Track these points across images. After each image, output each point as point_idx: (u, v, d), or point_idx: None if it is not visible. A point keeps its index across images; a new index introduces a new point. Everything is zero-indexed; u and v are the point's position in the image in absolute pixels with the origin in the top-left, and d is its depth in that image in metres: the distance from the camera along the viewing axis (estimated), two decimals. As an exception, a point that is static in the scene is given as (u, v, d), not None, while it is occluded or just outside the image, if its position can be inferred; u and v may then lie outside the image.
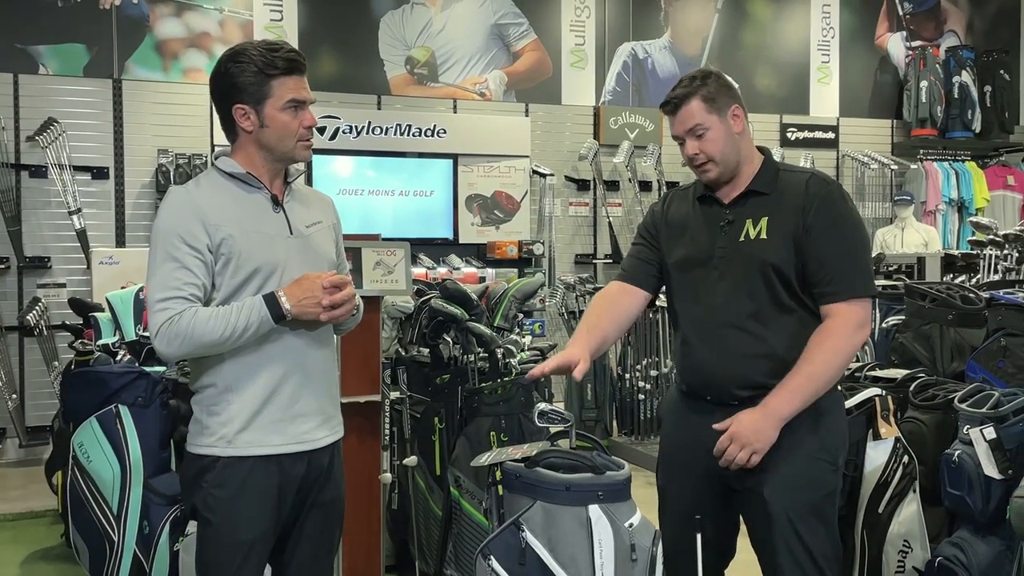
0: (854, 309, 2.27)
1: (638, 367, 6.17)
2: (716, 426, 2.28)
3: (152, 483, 3.24)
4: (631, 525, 1.81)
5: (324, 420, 2.20)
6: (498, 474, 2.76)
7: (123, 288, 3.92)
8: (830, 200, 2.32)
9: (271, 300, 2.05)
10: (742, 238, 2.35)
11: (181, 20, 7.10)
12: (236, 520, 2.09)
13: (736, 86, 2.47)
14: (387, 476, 3.17)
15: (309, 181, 6.82)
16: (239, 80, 2.10)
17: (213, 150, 6.96)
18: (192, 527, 3.06)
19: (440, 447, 3.31)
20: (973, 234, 8.47)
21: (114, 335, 3.54)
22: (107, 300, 3.55)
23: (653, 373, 6.11)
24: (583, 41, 8.16)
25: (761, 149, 2.46)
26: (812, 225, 2.29)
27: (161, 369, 3.36)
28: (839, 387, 2.49)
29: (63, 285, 6.61)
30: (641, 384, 6.14)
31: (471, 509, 3.01)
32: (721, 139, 2.36)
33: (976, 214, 8.61)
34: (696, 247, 2.43)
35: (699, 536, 2.11)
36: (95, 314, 3.70)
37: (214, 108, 2.21)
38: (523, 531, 1.75)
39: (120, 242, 6.81)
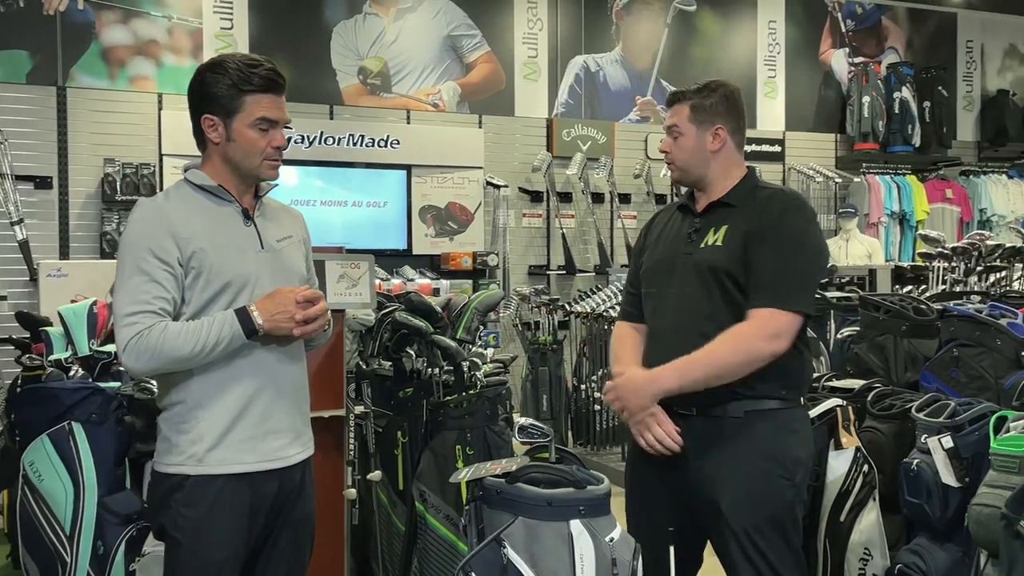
0: (771, 319, 2.28)
1: (594, 378, 6.20)
2: (615, 368, 2.47)
3: (107, 502, 3.16)
4: (612, 539, 1.82)
5: (295, 437, 2.18)
6: (464, 492, 2.76)
7: (73, 302, 3.82)
8: (782, 213, 2.36)
9: (243, 314, 2.02)
10: (702, 245, 2.41)
11: (128, 27, 6.97)
12: (206, 540, 2.05)
13: (740, 110, 2.52)
14: (352, 492, 3.13)
15: (261, 191, 6.73)
16: (212, 91, 2.08)
17: (161, 160, 6.85)
18: (149, 546, 3.01)
19: (403, 461, 3.28)
20: (914, 245, 8.76)
21: (66, 350, 3.44)
22: (59, 314, 3.46)
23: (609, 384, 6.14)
24: (536, 53, 8.21)
25: (750, 168, 2.52)
26: (757, 233, 2.34)
27: (116, 385, 3.28)
28: (803, 401, 2.53)
29: (4, 298, 6.43)
30: (597, 395, 6.17)
31: (437, 524, 2.99)
32: (689, 148, 2.45)
33: (917, 226, 8.86)
34: (664, 253, 2.51)
35: (672, 549, 2.13)
36: (46, 328, 3.60)
37: (189, 117, 2.18)
38: (504, 547, 1.75)
39: (64, 254, 6.65)
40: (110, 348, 3.42)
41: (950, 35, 9.92)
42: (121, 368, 3.46)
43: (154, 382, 3.13)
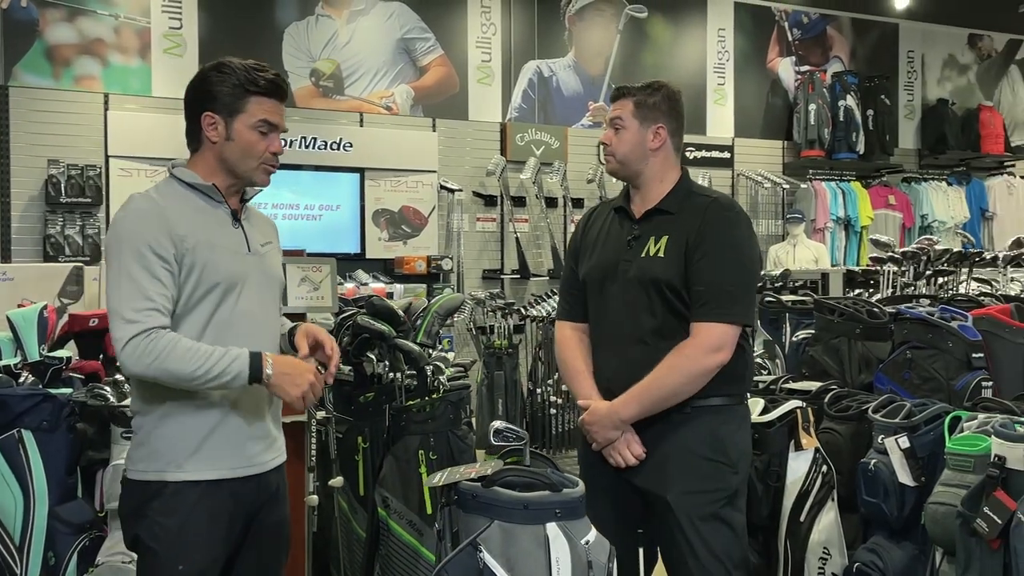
0: (712, 332, 2.36)
1: (549, 381, 6.22)
2: (580, 402, 2.50)
3: (58, 511, 3.07)
4: (587, 542, 1.83)
5: (271, 443, 2.17)
6: (427, 498, 2.75)
7: (20, 306, 3.71)
8: (722, 224, 2.42)
9: (256, 358, 1.99)
10: (643, 254, 2.45)
11: (73, 25, 6.81)
12: (185, 549, 2.00)
13: (680, 112, 2.57)
14: (313, 498, 3.10)
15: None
16: (216, 89, 2.06)
17: (107, 161, 6.70)
18: (103, 556, 2.94)
19: (364, 467, 3.25)
20: (860, 250, 8.94)
21: (15, 355, 3.34)
22: (8, 318, 3.35)
23: (564, 387, 6.16)
24: (489, 58, 8.22)
25: (684, 171, 2.56)
26: (697, 246, 2.39)
27: (67, 391, 3.19)
28: (747, 401, 2.60)
29: (-57, 302, 6.23)
30: (553, 399, 6.19)
31: (399, 530, 2.97)
32: (630, 141, 2.50)
33: (861, 232, 9.07)
34: (604, 259, 2.54)
35: (641, 550, 2.15)
36: (-7, 333, 3.49)
37: (184, 116, 2.14)
38: (480, 551, 1.75)
39: (6, 257, 6.46)
40: (61, 354, 3.33)
41: (892, 45, 10.17)
42: (72, 374, 3.38)
43: (109, 388, 3.08)
